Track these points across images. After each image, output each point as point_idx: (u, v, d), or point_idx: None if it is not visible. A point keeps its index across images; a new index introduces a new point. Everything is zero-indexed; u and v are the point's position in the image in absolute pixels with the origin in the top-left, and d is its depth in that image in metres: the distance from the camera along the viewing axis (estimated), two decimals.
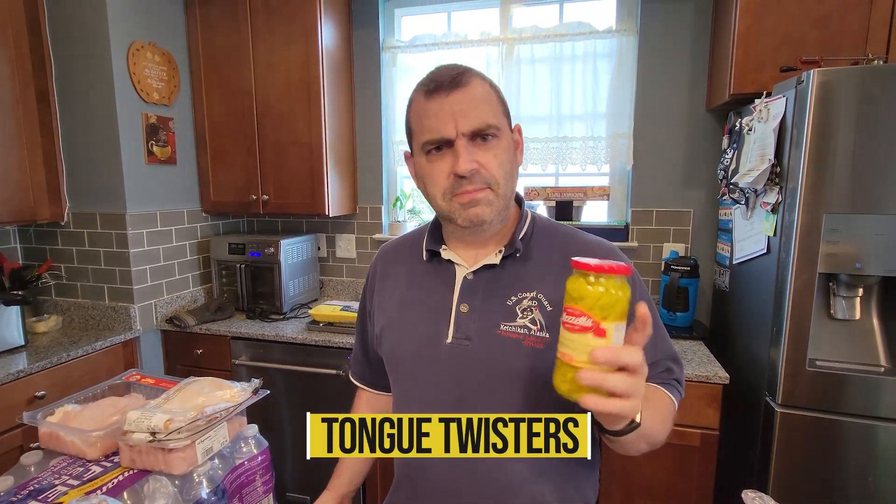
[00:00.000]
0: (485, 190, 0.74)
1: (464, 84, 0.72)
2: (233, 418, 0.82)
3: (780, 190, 1.44)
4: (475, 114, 0.72)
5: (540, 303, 0.77)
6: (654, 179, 2.14)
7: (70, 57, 1.96)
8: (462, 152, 0.72)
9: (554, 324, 0.73)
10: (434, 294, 0.83)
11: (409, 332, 0.83)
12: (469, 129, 0.71)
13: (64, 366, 1.78)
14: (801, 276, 1.38)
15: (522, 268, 0.80)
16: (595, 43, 2.13)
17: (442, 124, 0.72)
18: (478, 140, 0.73)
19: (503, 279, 0.80)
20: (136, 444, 0.72)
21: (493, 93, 0.75)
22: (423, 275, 0.86)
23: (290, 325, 2.10)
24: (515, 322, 0.76)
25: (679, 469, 1.66)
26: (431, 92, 0.73)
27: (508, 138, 0.76)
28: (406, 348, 0.83)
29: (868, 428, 1.36)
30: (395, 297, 0.87)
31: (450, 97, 0.71)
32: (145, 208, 2.08)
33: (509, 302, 0.78)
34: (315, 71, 2.12)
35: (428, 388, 0.81)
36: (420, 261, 0.87)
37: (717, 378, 1.58)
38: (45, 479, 0.72)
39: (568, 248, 0.80)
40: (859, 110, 1.29)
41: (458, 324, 0.79)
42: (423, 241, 0.87)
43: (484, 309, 0.78)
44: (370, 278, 0.95)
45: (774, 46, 1.63)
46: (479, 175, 0.73)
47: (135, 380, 0.94)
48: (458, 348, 0.78)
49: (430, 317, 0.81)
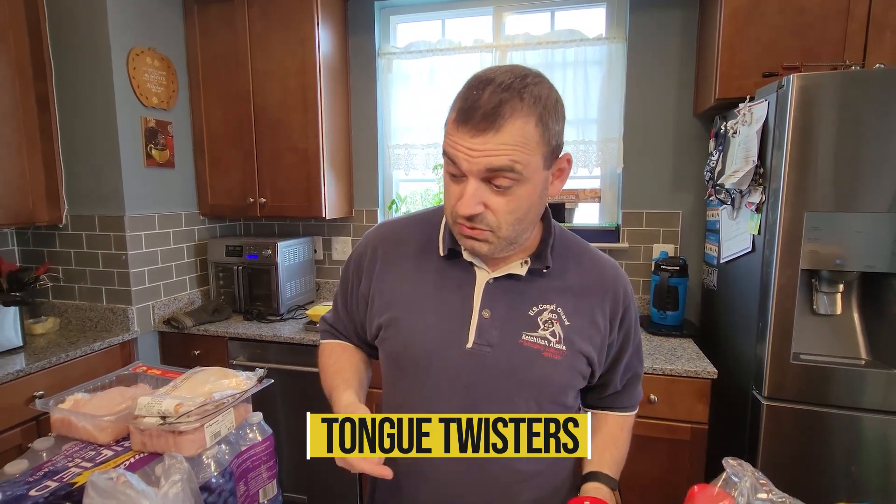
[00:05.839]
0: (485, 232, 0.71)
1: (497, 126, 0.64)
2: (239, 405, 0.85)
3: (764, 190, 1.50)
4: (497, 156, 0.65)
5: (559, 316, 0.78)
6: (644, 182, 2.20)
7: (70, 62, 1.99)
8: (468, 194, 0.67)
9: (570, 337, 0.78)
10: (452, 295, 0.80)
11: (424, 333, 0.79)
12: (485, 168, 0.66)
13: (62, 366, 1.79)
14: (785, 273, 1.43)
15: (543, 280, 0.80)
16: (586, 50, 2.19)
17: (459, 159, 0.67)
18: (494, 182, 0.67)
19: (525, 289, 0.79)
20: (147, 427, 0.75)
21: (537, 132, 0.66)
22: (437, 272, 0.82)
23: (288, 326, 2.12)
24: (537, 333, 0.77)
25: (670, 463, 1.70)
26: (461, 122, 0.66)
27: (537, 180, 0.69)
28: (420, 349, 0.79)
29: (851, 419, 1.41)
30: (405, 291, 0.82)
31: (475, 139, 0.64)
32: (144, 211, 2.10)
33: (531, 312, 0.78)
34: (312, 77, 2.16)
35: (435, 392, 0.79)
36: (433, 256, 0.83)
37: (705, 373, 1.63)
38: (59, 462, 0.74)
39: (581, 264, 0.84)
40: (838, 113, 1.35)
41: (481, 330, 0.77)
42: (440, 236, 0.83)
43: (507, 317, 0.78)
44: (368, 258, 0.88)
45: (758, 54, 1.70)
46: (483, 218, 0.70)
47: (141, 371, 0.97)
48: (479, 354, 0.77)
49: (449, 319, 0.79)
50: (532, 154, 0.66)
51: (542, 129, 0.66)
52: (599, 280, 0.83)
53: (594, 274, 0.83)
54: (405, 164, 2.45)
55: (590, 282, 0.82)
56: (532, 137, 0.66)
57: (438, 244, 0.83)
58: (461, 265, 0.81)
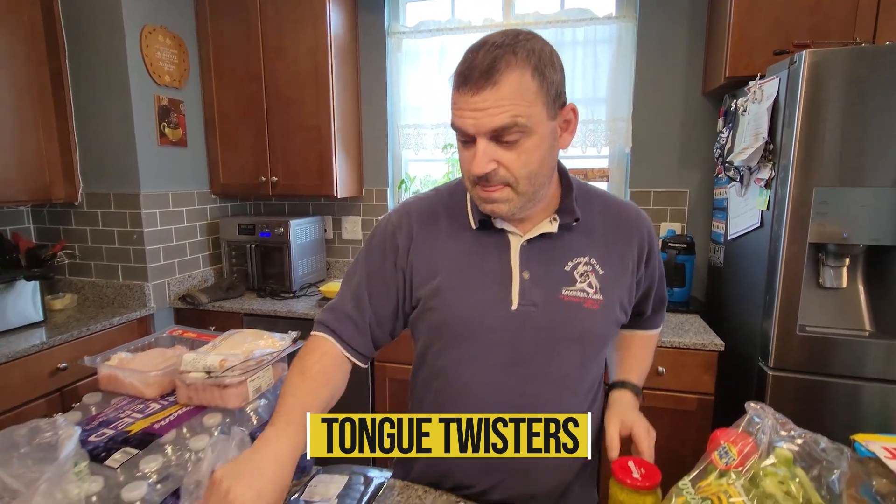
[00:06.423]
0: (503, 189, 0.73)
1: (494, 81, 0.67)
2: (276, 364, 0.89)
3: (773, 166, 1.53)
4: (500, 114, 0.67)
5: (594, 267, 0.82)
6: (652, 161, 2.22)
7: (83, 39, 1.99)
8: (479, 153, 0.70)
9: (606, 286, 0.82)
10: (490, 261, 0.82)
11: (469, 299, 0.81)
12: (490, 129, 0.69)
13: (83, 340, 1.83)
14: (793, 247, 1.47)
15: (574, 234, 0.83)
16: (595, 29, 2.20)
17: (465, 122, 0.70)
18: (502, 139, 0.70)
19: (558, 246, 0.82)
20: (192, 381, 0.79)
21: (534, 82, 0.69)
22: (472, 243, 0.84)
23: (301, 303, 2.16)
24: (575, 286, 0.81)
25: (675, 433, 1.75)
26: (461, 85, 0.70)
27: (543, 131, 0.72)
28: (467, 314, 0.81)
29: (853, 387, 1.46)
30: (445, 263, 0.83)
31: (475, 97, 0.68)
32: (158, 189, 2.13)
33: (567, 267, 0.81)
34: (323, 55, 2.17)
35: (486, 352, 0.81)
36: (465, 228, 0.84)
37: (713, 346, 1.67)
38: (110, 414, 0.78)
39: (607, 212, 0.87)
40: (847, 90, 1.38)
41: (524, 291, 0.80)
42: (467, 208, 0.85)
43: (545, 276, 0.81)
44: (402, 235, 0.86)
45: (768, 31, 1.72)
46: (497, 174, 0.72)
47: (178, 334, 1.00)
48: (524, 314, 0.79)
49: (492, 284, 0.81)
50: (533, 105, 0.69)
51: (540, 79, 0.69)
52: (625, 224, 0.87)
53: (620, 219, 0.87)
54: (415, 143, 2.47)
55: (617, 228, 0.86)
56: (530, 88, 0.68)
57: (468, 217, 0.85)
58: (494, 234, 0.83)
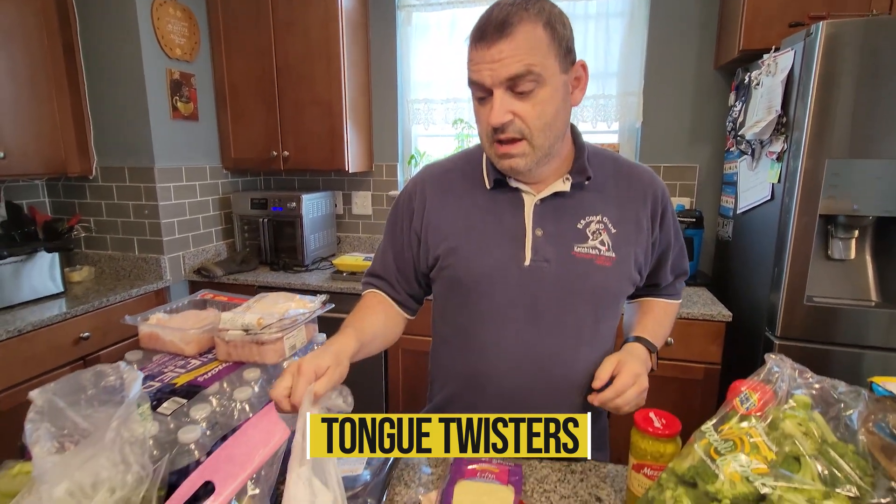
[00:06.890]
0: (519, 143, 0.76)
1: (508, 33, 0.71)
2: (308, 324, 0.92)
3: (786, 139, 1.54)
4: (515, 63, 0.71)
5: (606, 225, 0.84)
6: (662, 136, 2.23)
7: (94, 10, 1.98)
8: (496, 104, 0.73)
9: (618, 244, 0.85)
10: (504, 219, 0.85)
11: (484, 256, 0.84)
12: (505, 77, 0.72)
13: (104, 310, 1.87)
14: (803, 220, 1.49)
15: (586, 192, 0.86)
16: (608, 2, 2.18)
17: (482, 75, 0.74)
18: (517, 89, 0.73)
19: (571, 204, 0.85)
20: (231, 339, 0.83)
21: (546, 34, 0.73)
22: (487, 202, 0.87)
23: (314, 276, 2.20)
24: (587, 244, 0.83)
25: (682, 401, 1.80)
26: (477, 40, 0.74)
27: (557, 84, 0.75)
28: (482, 271, 0.85)
29: (857, 356, 1.50)
30: (459, 223, 0.87)
31: (491, 49, 0.72)
32: (172, 163, 2.14)
33: (579, 225, 0.84)
34: (335, 28, 2.16)
35: (503, 307, 0.85)
36: (480, 188, 0.88)
37: (721, 316, 1.71)
38: (154, 369, 0.82)
39: (619, 173, 0.89)
40: (862, 61, 1.39)
41: (536, 248, 0.83)
42: (483, 169, 0.89)
43: (558, 233, 0.84)
44: (418, 197, 0.92)
45: (783, 4, 1.71)
46: (514, 126, 0.75)
47: (209, 297, 1.04)
48: (537, 270, 0.83)
49: (505, 241, 0.84)
50: (546, 56, 0.73)
51: (551, 32, 0.73)
52: (638, 184, 0.89)
53: (633, 179, 0.89)
54: (425, 118, 2.47)
55: (629, 187, 0.88)
56: (542, 39, 0.72)
57: (483, 178, 0.88)
58: (508, 193, 0.86)
